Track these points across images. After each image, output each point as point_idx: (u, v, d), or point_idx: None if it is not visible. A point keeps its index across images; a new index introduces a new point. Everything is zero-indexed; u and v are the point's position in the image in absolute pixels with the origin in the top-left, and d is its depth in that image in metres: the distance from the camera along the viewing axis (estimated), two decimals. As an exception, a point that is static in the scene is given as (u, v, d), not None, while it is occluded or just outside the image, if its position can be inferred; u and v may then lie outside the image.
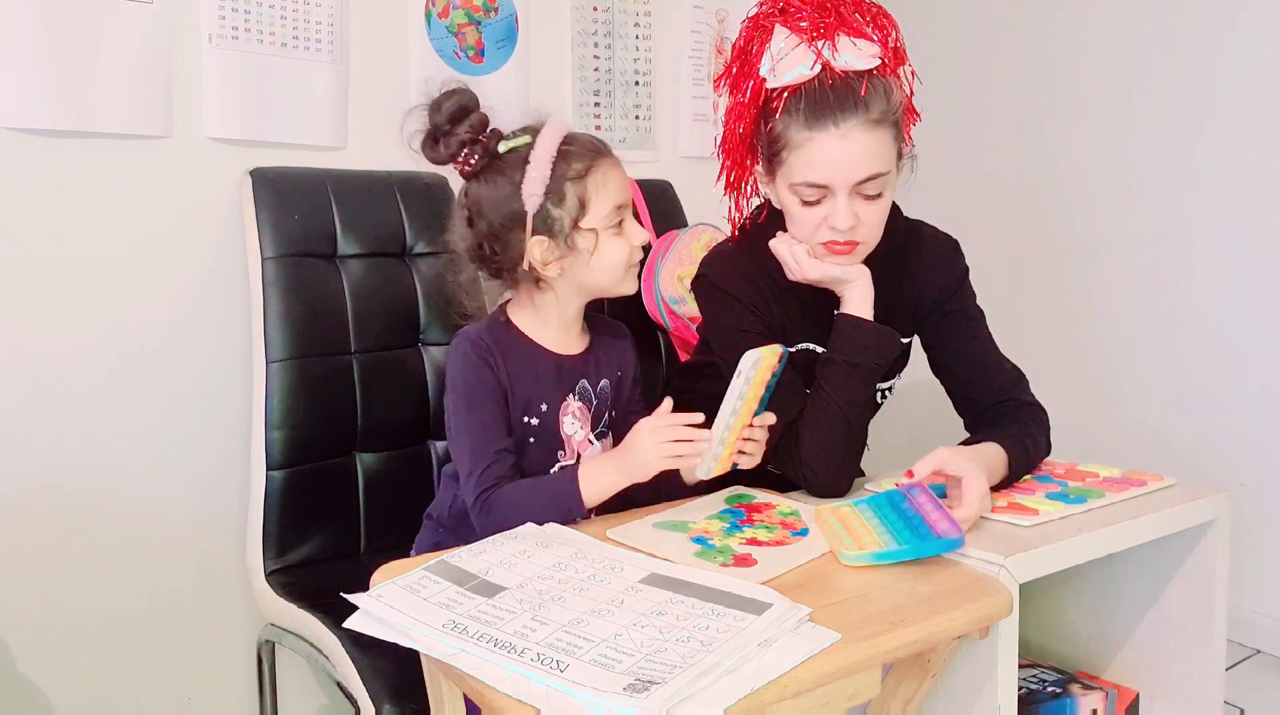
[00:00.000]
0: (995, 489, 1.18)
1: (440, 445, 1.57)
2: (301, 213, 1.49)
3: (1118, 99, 2.28)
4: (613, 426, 1.29)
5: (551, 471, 1.22)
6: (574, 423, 1.24)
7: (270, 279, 1.45)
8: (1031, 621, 1.26)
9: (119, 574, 1.50)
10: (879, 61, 1.19)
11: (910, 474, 1.13)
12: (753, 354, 1.10)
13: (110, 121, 1.44)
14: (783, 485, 1.28)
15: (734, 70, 1.26)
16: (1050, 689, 1.29)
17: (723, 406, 1.12)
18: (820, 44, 1.17)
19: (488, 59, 1.81)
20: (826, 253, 1.24)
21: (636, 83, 2.00)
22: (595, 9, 1.95)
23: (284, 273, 1.45)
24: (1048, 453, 1.33)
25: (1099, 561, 1.15)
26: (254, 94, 1.55)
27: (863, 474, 1.36)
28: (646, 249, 1.29)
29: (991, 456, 1.19)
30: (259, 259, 1.45)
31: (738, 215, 1.37)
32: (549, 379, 1.22)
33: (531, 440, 1.21)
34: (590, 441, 1.26)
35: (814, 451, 1.23)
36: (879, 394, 1.36)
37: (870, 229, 1.22)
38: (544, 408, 1.21)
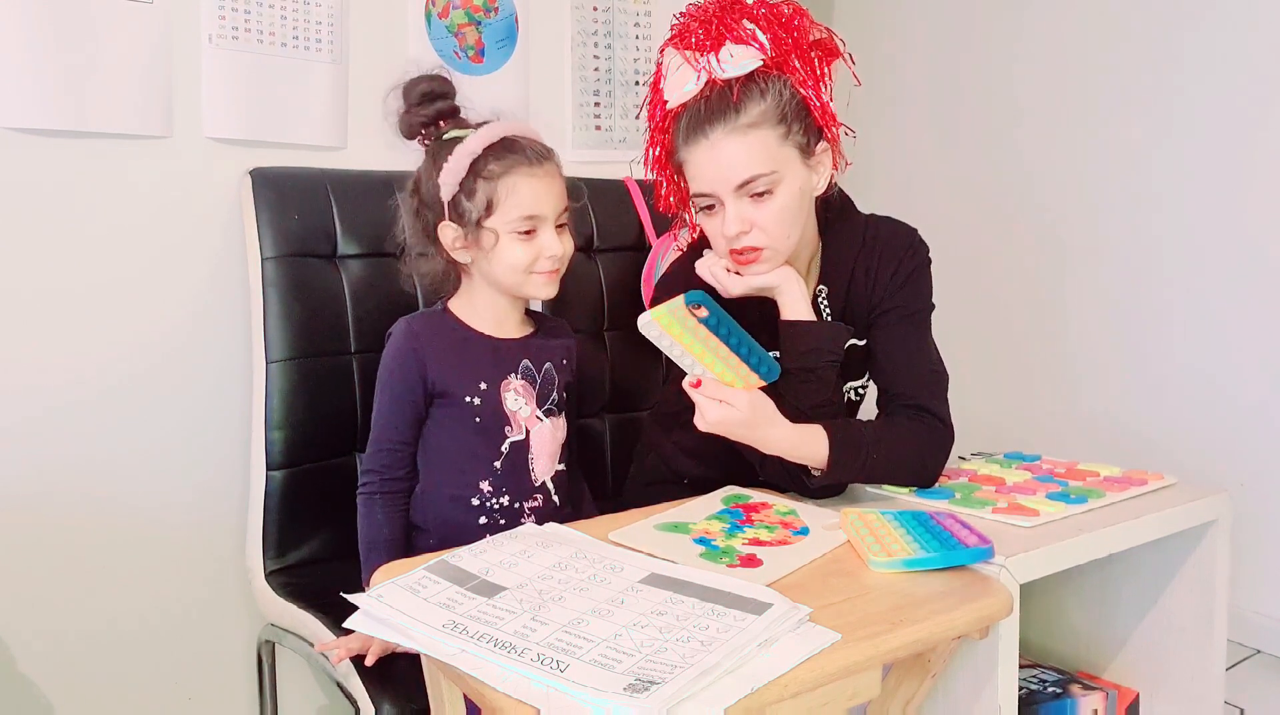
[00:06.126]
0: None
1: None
2: (301, 213, 1.48)
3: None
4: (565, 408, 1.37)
5: (501, 447, 1.29)
6: (517, 399, 1.30)
7: (270, 279, 1.45)
8: (1032, 621, 1.26)
9: (119, 574, 1.50)
10: (759, 63, 1.19)
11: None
12: (645, 319, 1.10)
13: (110, 121, 1.44)
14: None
15: (649, 99, 1.28)
16: (1051, 689, 1.29)
17: (687, 369, 1.14)
18: (703, 59, 1.19)
19: (488, 59, 1.81)
20: (737, 263, 1.24)
21: (636, 83, 2.00)
22: (595, 9, 1.95)
23: (284, 273, 1.45)
24: (923, 465, 1.24)
25: (1099, 561, 1.15)
26: (254, 94, 1.55)
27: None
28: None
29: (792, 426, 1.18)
30: (259, 259, 1.45)
31: (684, 232, 1.38)
32: (485, 360, 1.30)
33: (477, 419, 1.28)
34: (538, 418, 1.32)
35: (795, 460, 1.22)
36: (853, 392, 1.35)
37: (770, 232, 1.21)
38: (483, 386, 1.28)
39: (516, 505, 1.30)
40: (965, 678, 1.02)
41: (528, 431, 1.31)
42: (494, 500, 1.29)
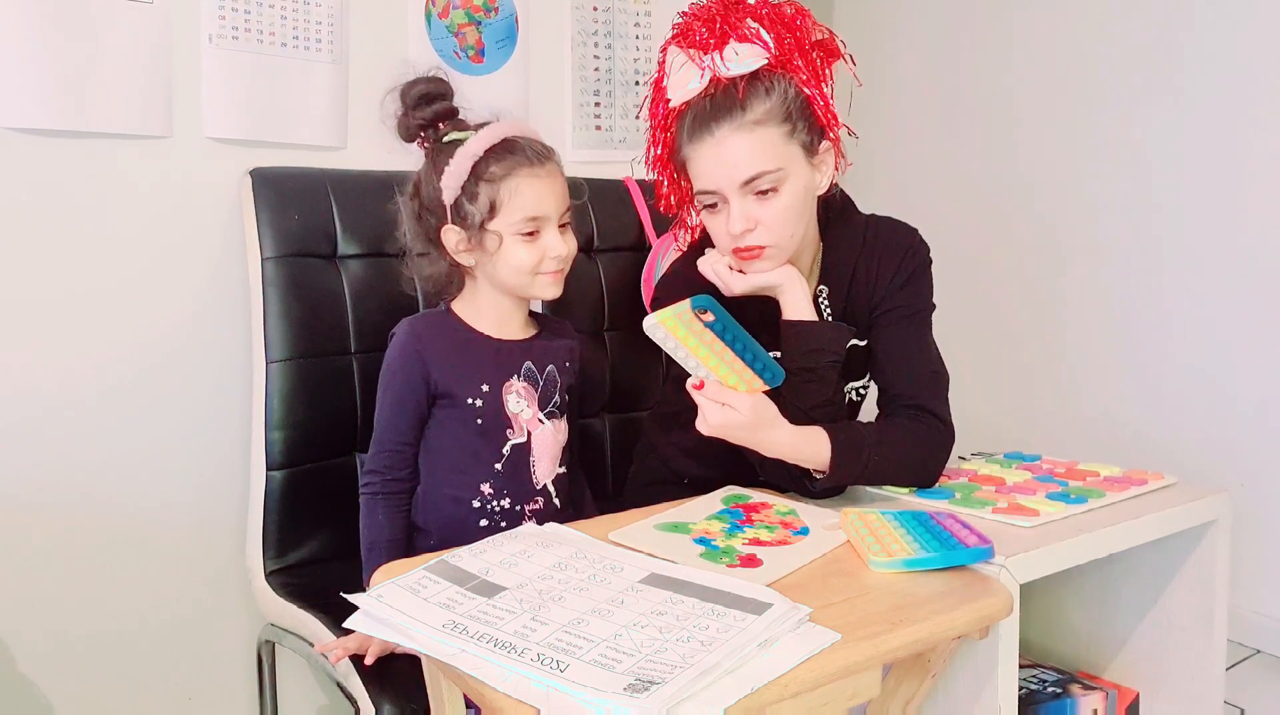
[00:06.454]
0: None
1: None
2: (301, 213, 1.48)
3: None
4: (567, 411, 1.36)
5: (503, 449, 1.29)
6: (519, 401, 1.30)
7: (270, 279, 1.45)
8: (1032, 621, 1.26)
9: (119, 574, 1.50)
10: (764, 61, 1.19)
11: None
12: (650, 321, 1.09)
13: (110, 121, 1.44)
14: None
15: (650, 97, 1.28)
16: (1050, 689, 1.29)
17: (691, 372, 1.13)
18: (707, 57, 1.19)
19: (488, 59, 1.81)
20: (740, 261, 1.24)
21: (636, 83, 2.00)
22: (595, 9, 1.95)
23: (284, 273, 1.45)
24: (924, 465, 1.24)
25: (1099, 561, 1.15)
26: (254, 94, 1.55)
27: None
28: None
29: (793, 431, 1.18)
30: (259, 259, 1.45)
31: (684, 233, 1.38)
32: (488, 361, 1.30)
33: (479, 420, 1.28)
34: (540, 420, 1.32)
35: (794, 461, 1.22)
36: (854, 392, 1.35)
37: (774, 230, 1.20)
38: (485, 388, 1.28)
39: (517, 507, 1.30)
40: (965, 678, 1.02)
41: (529, 434, 1.31)
42: (495, 502, 1.28)
